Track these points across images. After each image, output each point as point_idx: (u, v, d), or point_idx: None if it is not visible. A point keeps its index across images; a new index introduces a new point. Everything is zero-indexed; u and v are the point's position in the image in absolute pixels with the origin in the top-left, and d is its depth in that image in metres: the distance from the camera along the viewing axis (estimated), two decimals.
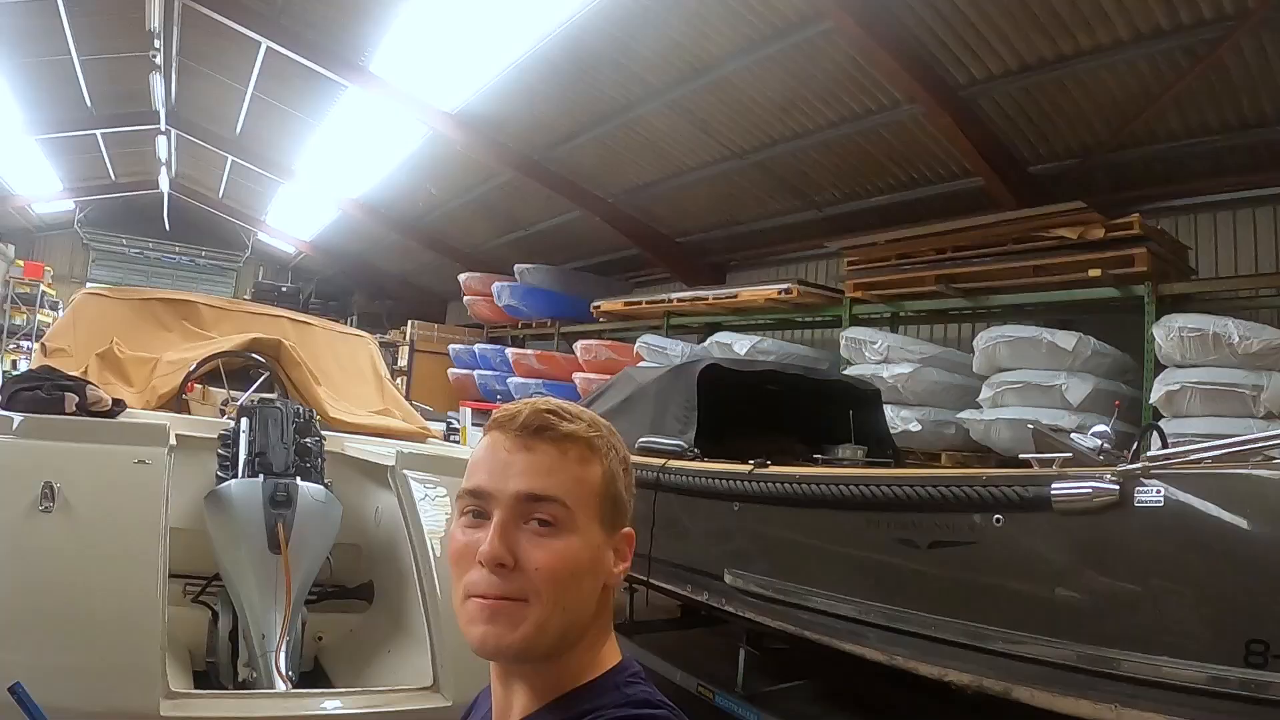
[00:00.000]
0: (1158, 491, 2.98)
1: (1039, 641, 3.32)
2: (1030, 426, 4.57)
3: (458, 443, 12.10)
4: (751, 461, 4.85)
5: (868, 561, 4.13)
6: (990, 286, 7.91)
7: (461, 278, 16.95)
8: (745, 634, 5.43)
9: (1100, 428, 3.94)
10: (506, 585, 1.13)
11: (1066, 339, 6.68)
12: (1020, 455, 3.91)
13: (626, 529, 1.26)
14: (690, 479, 5.20)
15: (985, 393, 7.16)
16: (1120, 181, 7.94)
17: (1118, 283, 6.93)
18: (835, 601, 4.26)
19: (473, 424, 12.78)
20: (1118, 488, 3.05)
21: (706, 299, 11.18)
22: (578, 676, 1.20)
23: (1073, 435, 4.09)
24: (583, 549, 1.17)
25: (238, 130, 17.48)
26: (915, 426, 7.65)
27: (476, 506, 1.18)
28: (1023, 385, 6.87)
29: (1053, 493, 3.18)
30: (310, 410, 4.49)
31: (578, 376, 12.83)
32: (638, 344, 11.49)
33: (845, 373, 8.11)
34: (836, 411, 6.36)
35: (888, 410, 7.20)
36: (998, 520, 3.41)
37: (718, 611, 5.27)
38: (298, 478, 3.93)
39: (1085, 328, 6.94)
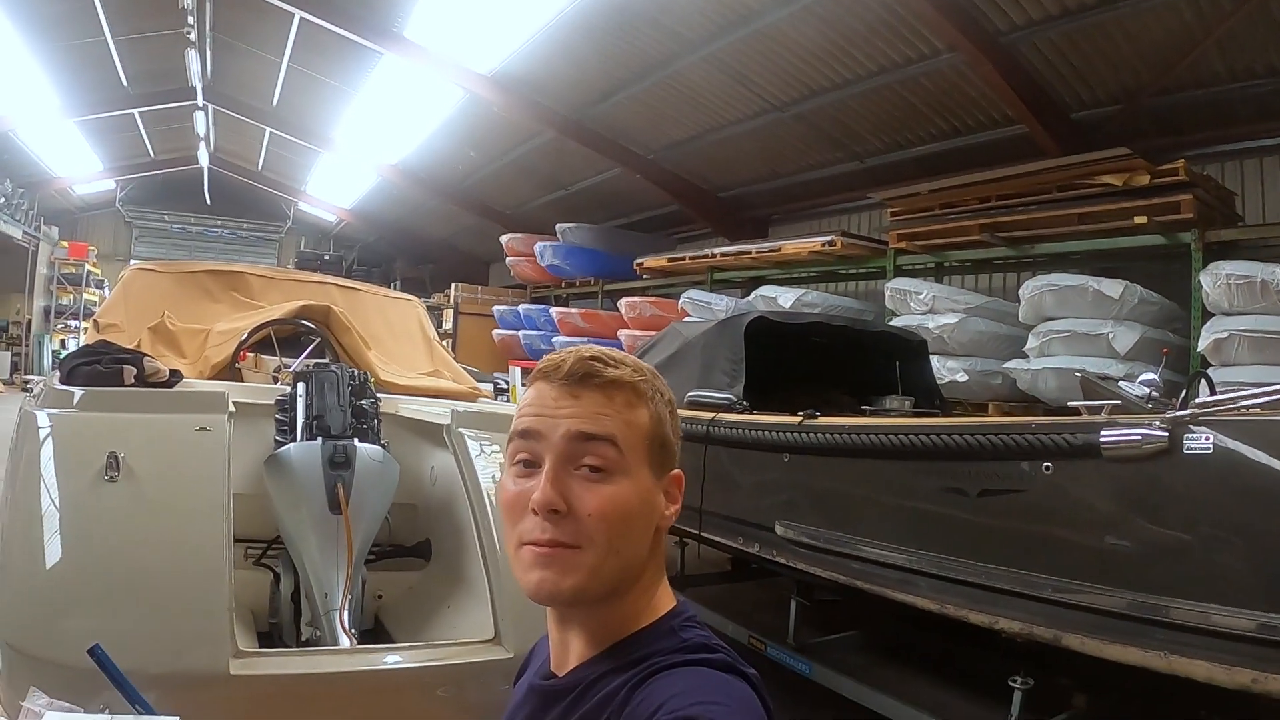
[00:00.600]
0: (1206, 439, 2.97)
1: (1088, 589, 3.34)
2: (1078, 375, 4.54)
3: (508, 402, 12.25)
4: (800, 413, 4.87)
5: (918, 511, 4.15)
6: (1035, 235, 7.84)
7: (503, 239, 16.99)
8: (796, 585, 5.48)
9: (1148, 376, 3.93)
10: (559, 531, 1.14)
11: (1113, 287, 6.62)
12: (1069, 403, 3.91)
13: (675, 471, 1.25)
14: (740, 431, 5.24)
15: (1031, 342, 7.13)
16: (1165, 127, 7.83)
17: (1164, 230, 6.86)
18: (886, 551, 4.29)
19: (522, 384, 12.89)
20: (1166, 435, 3.05)
21: (750, 253, 11.16)
22: (633, 621, 1.21)
23: (1121, 383, 4.06)
24: (634, 493, 1.16)
25: (274, 102, 17.60)
26: (961, 377, 7.63)
27: (527, 455, 1.19)
28: (1069, 334, 6.83)
29: (1102, 440, 3.18)
30: (365, 373, 4.51)
31: (623, 334, 12.85)
32: (682, 299, 11.48)
33: (891, 324, 8.07)
34: (883, 363, 6.37)
35: (934, 361, 7.19)
36: (1047, 468, 3.43)
37: (769, 563, 5.31)
38: (355, 439, 3.93)
39: (1131, 275, 6.87)
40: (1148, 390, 3.75)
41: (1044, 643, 3.63)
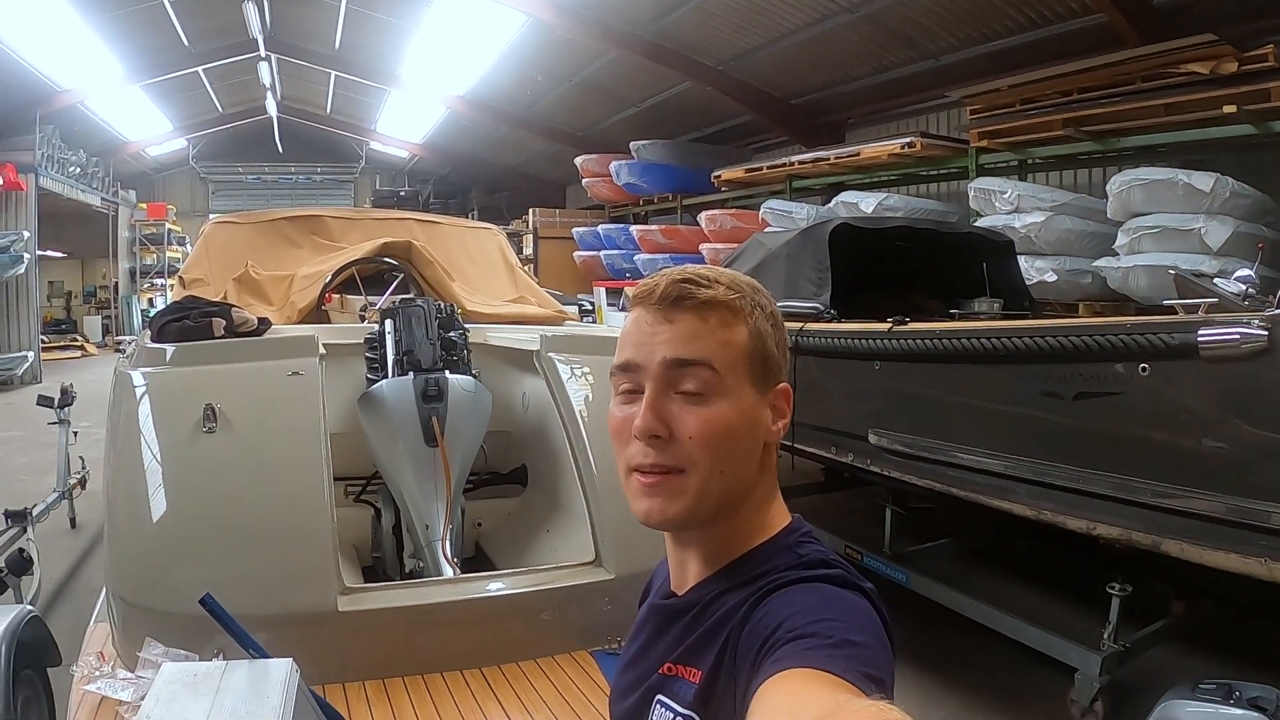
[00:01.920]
0: None
1: (1187, 494, 3.30)
2: (1171, 272, 4.43)
3: (594, 323, 12.32)
4: (889, 319, 4.82)
5: (1013, 416, 4.11)
6: (1120, 128, 7.54)
7: (578, 161, 16.95)
8: (890, 494, 5.50)
9: (1244, 272, 3.78)
10: (662, 456, 1.13)
11: (1203, 180, 6.34)
12: (1164, 302, 3.81)
13: (781, 384, 1.23)
14: (829, 340, 5.21)
15: (1121, 239, 6.90)
16: (1249, 11, 7.34)
17: (1254, 119, 6.54)
18: (981, 457, 4.27)
19: (607, 304, 12.96)
20: (1266, 334, 2.97)
21: (828, 159, 10.96)
22: (749, 539, 1.20)
23: (1215, 280, 3.94)
24: (735, 412, 1.14)
25: (337, 45, 17.67)
26: (1050, 277, 7.46)
27: (628, 382, 1.18)
28: (1159, 230, 6.58)
29: (1199, 340, 3.11)
30: (451, 305, 4.52)
31: (704, 247, 12.80)
32: (762, 210, 11.38)
33: (976, 225, 7.93)
34: (969, 265, 6.28)
35: (1021, 261, 7.05)
36: (1143, 369, 3.37)
37: (863, 472, 5.33)
38: (446, 371, 3.96)
39: (1222, 168, 6.55)
40: (1243, 287, 3.62)
41: (1142, 549, 3.59)
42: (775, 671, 0.93)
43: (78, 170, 19.10)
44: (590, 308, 13.69)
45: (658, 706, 1.19)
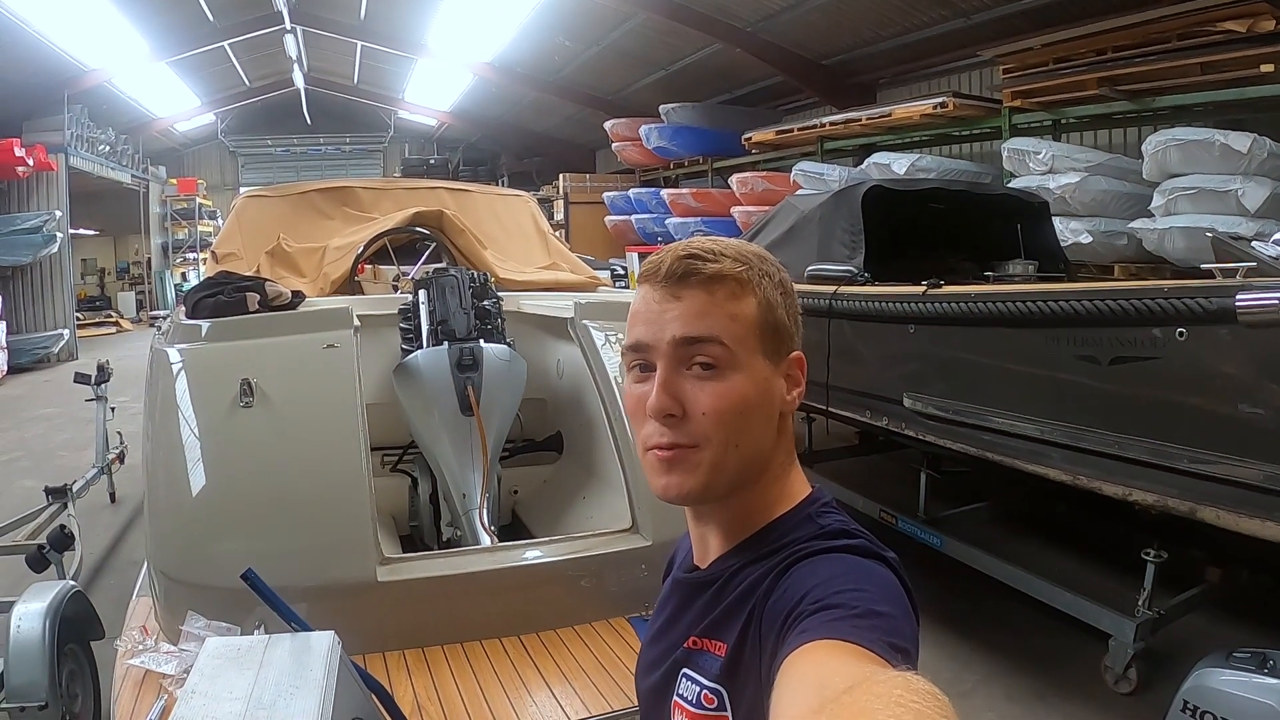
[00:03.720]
0: None
1: (1225, 460, 3.27)
2: (1208, 235, 4.36)
3: (626, 288, 12.32)
4: (924, 282, 4.80)
5: (1049, 380, 4.08)
6: (1156, 87, 7.40)
7: (607, 125, 16.88)
8: (925, 458, 5.49)
9: None
10: (677, 434, 1.13)
11: (1240, 140, 6.21)
12: (1201, 265, 3.76)
13: (794, 353, 1.21)
14: (863, 303, 5.18)
15: (1157, 200, 6.79)
16: None
17: None
18: (1017, 421, 4.25)
19: (639, 269, 12.94)
20: None
21: (859, 120, 10.84)
22: (769, 510, 1.20)
23: (1253, 243, 3.90)
24: (748, 385, 1.14)
25: (362, 15, 17.58)
26: (1085, 238, 7.37)
27: (640, 360, 1.18)
28: (1196, 191, 6.47)
29: (1237, 304, 3.05)
30: (484, 274, 4.52)
31: (736, 210, 12.74)
32: (794, 172, 11.31)
33: (1010, 186, 7.84)
34: (1004, 226, 6.25)
35: (1056, 222, 6.96)
36: (1180, 334, 3.33)
37: (898, 436, 5.31)
38: (481, 340, 3.98)
39: (1259, 128, 6.43)
40: None
41: (1178, 515, 3.57)
42: (800, 644, 0.94)
43: (107, 148, 19.23)
44: (623, 272, 13.71)
45: (683, 680, 1.20)
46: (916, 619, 1.06)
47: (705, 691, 1.16)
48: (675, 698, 1.21)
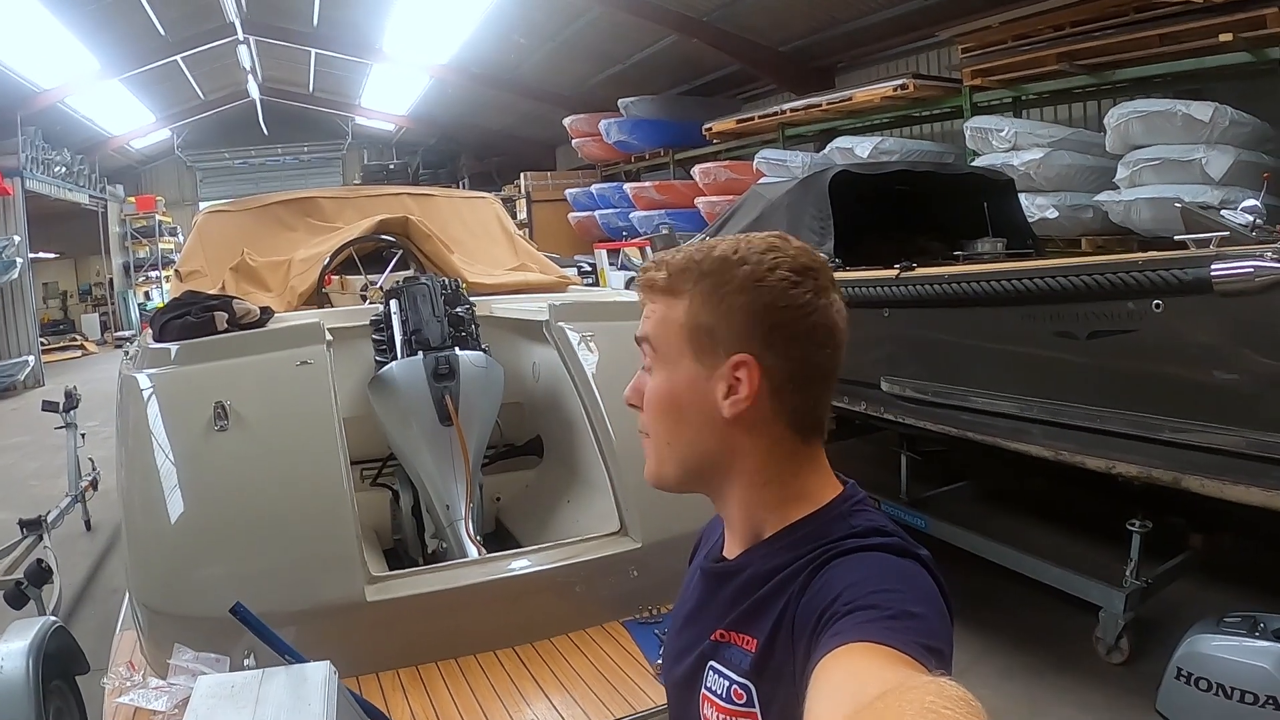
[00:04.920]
0: None
1: (1206, 429, 3.29)
2: (1177, 206, 4.37)
3: (595, 284, 12.30)
4: (896, 265, 4.80)
5: (1026, 357, 4.10)
6: (1115, 60, 7.40)
7: (566, 121, 16.84)
8: (904, 440, 5.50)
9: (1250, 203, 3.76)
10: (639, 422, 1.26)
11: (1202, 110, 6.24)
12: (1175, 236, 3.77)
13: (737, 356, 1.16)
14: None
15: (1121, 172, 6.81)
16: None
17: (1250, 46, 6.39)
18: (996, 400, 4.28)
19: (609, 265, 12.94)
20: None
21: (820, 105, 10.84)
22: (786, 509, 1.20)
23: (1222, 212, 3.92)
24: (671, 384, 1.20)
25: (314, 23, 17.43)
26: (1052, 213, 7.40)
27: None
28: (1160, 162, 6.49)
29: (1213, 274, 3.08)
30: (455, 280, 4.49)
31: (700, 201, 12.76)
32: (756, 160, 11.34)
33: (974, 165, 7.87)
34: (970, 205, 6.25)
35: (1022, 198, 7.00)
36: (1157, 306, 3.35)
37: (877, 420, 5.33)
38: (456, 348, 3.95)
39: (1220, 96, 6.46)
40: (1251, 218, 3.60)
41: (1163, 486, 3.59)
42: (835, 646, 0.93)
43: (63, 170, 19.01)
44: (590, 269, 13.70)
45: (711, 673, 1.20)
46: (951, 616, 1.06)
47: (735, 686, 1.16)
48: (704, 690, 1.21)
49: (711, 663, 1.21)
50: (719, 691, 1.18)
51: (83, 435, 7.06)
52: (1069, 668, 4.34)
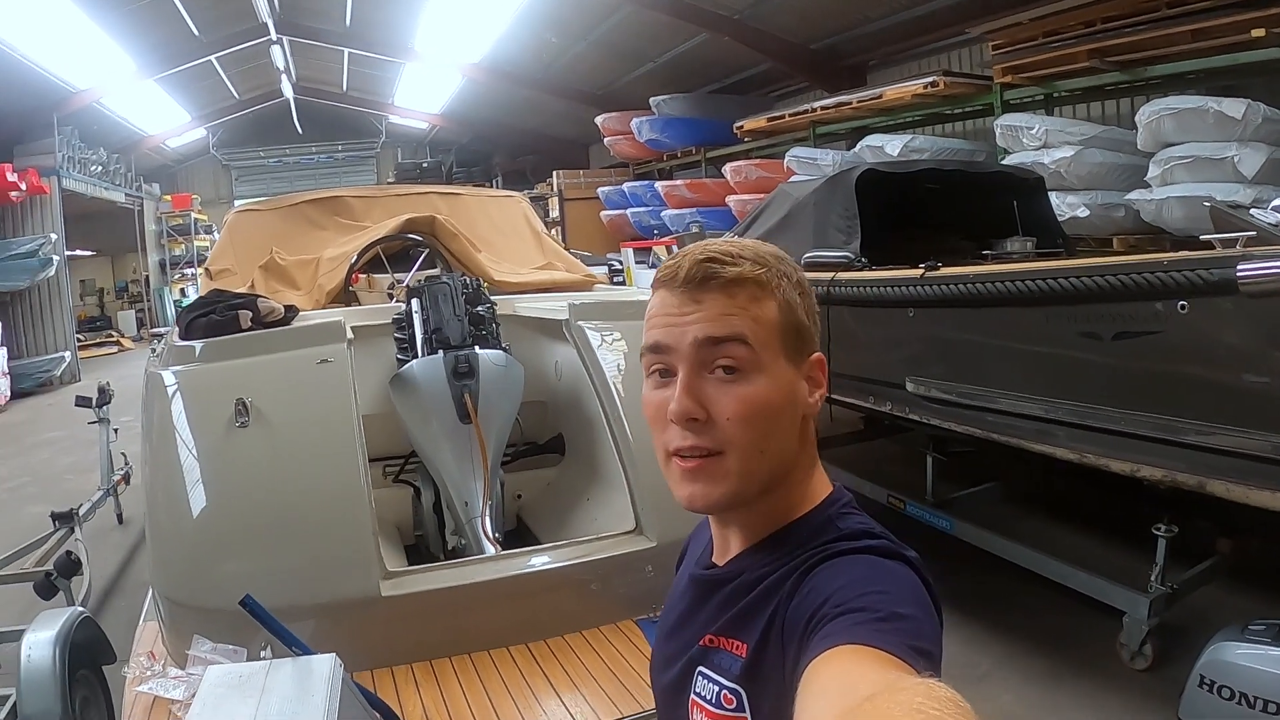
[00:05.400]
0: None
1: (1233, 433, 3.24)
2: (1206, 205, 4.31)
3: (623, 283, 12.31)
4: (922, 265, 4.76)
5: (1052, 358, 4.06)
6: (1147, 57, 7.29)
7: (598, 120, 16.86)
8: (930, 441, 5.46)
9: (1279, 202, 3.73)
10: (701, 439, 1.11)
11: (1234, 107, 6.14)
12: (1201, 236, 3.72)
13: (815, 354, 1.21)
14: (861, 289, 5.15)
15: (1153, 170, 6.73)
16: None
17: None
18: (1021, 401, 4.23)
19: (635, 263, 12.93)
20: None
21: (850, 103, 10.78)
22: (791, 511, 1.19)
23: (1252, 211, 3.85)
24: (773, 388, 1.12)
25: (348, 22, 17.52)
26: (1082, 212, 7.32)
27: (660, 364, 1.16)
28: (1192, 160, 6.40)
29: (1239, 274, 3.02)
30: (477, 279, 4.51)
31: (731, 200, 12.74)
32: (787, 158, 11.30)
33: (1004, 163, 7.82)
34: (1000, 204, 6.20)
35: (1052, 197, 6.92)
36: (1183, 307, 3.29)
37: (902, 420, 5.31)
38: (476, 347, 3.96)
39: (1252, 93, 6.35)
40: None
41: (1187, 489, 3.54)
42: (824, 648, 0.93)
43: (99, 169, 19.26)
44: (620, 268, 13.71)
45: (700, 678, 1.20)
46: (939, 617, 1.05)
47: (725, 692, 1.15)
48: (693, 696, 1.20)
49: (700, 668, 1.20)
50: (708, 697, 1.17)
51: (115, 430, 7.15)
52: (1091, 673, 4.29)
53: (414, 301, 4.22)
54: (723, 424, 1.10)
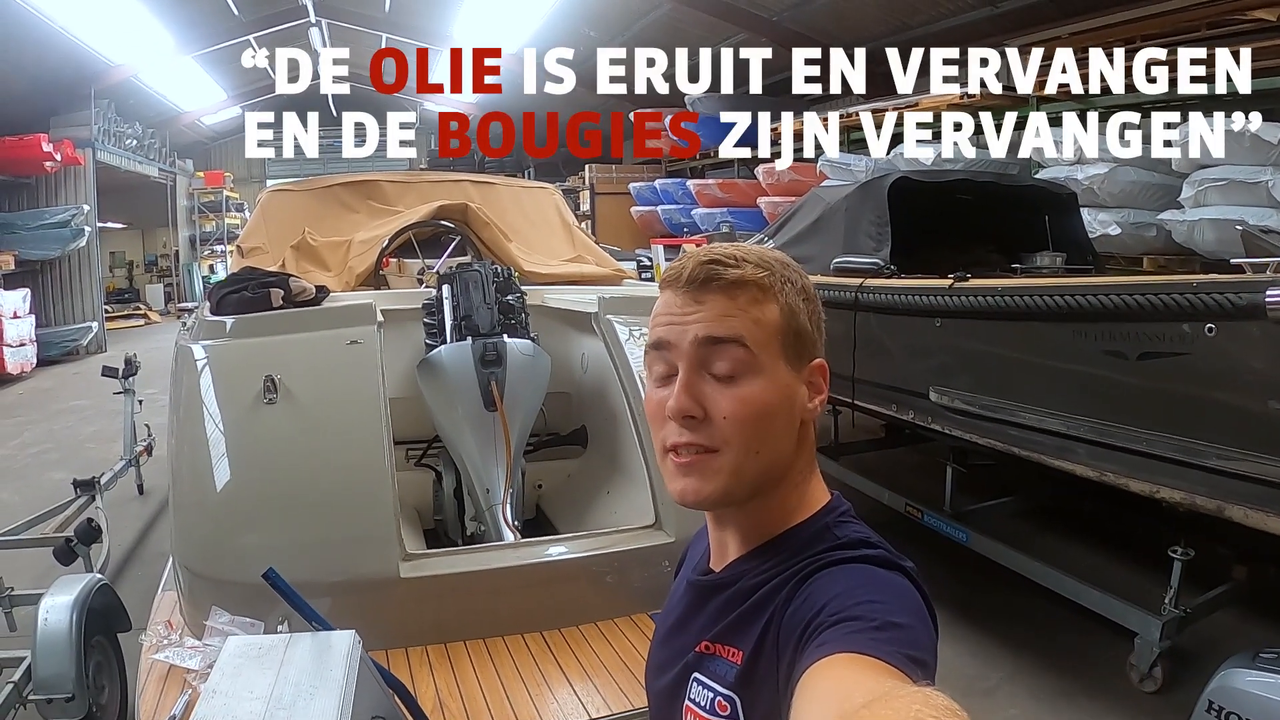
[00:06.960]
0: None
1: (1255, 458, 3.22)
2: (1238, 228, 4.30)
3: (651, 279, 12.30)
4: (951, 275, 4.75)
5: (1076, 374, 4.05)
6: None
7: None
8: (951, 451, 5.45)
9: None
10: (697, 436, 1.12)
11: (1271, 131, 6.07)
12: (1231, 260, 3.71)
13: (816, 360, 1.20)
14: (889, 297, 5.15)
15: (1186, 191, 6.68)
16: None
17: None
18: (1043, 417, 4.22)
19: (665, 260, 12.90)
20: None
21: (886, 109, 10.71)
22: (787, 517, 1.20)
23: None
24: (769, 390, 1.13)
25: (386, 8, 17.64)
26: (1114, 230, 7.27)
27: (662, 364, 1.17)
28: (1226, 183, 6.34)
29: (1268, 300, 3.01)
30: (508, 268, 4.52)
31: (763, 201, 12.70)
32: (820, 162, 11.26)
33: (1037, 177, 7.79)
34: (1031, 218, 6.20)
35: (1084, 214, 6.90)
36: (1209, 329, 3.28)
37: (924, 430, 5.29)
38: (504, 335, 3.98)
39: None
40: None
41: (1206, 513, 3.52)
42: (819, 657, 0.93)
43: (134, 142, 19.39)
44: (649, 264, 13.70)
45: (695, 685, 1.20)
46: (935, 628, 1.06)
47: (719, 698, 1.15)
48: (687, 702, 1.21)
49: (695, 674, 1.20)
50: (703, 703, 1.18)
51: (140, 401, 7.21)
52: (1100, 693, 4.28)
53: (445, 288, 4.24)
54: (719, 422, 1.12)
